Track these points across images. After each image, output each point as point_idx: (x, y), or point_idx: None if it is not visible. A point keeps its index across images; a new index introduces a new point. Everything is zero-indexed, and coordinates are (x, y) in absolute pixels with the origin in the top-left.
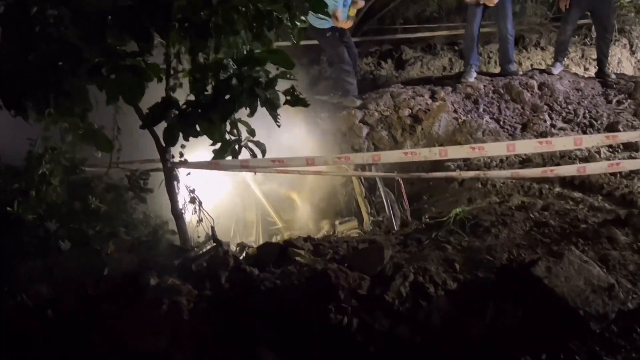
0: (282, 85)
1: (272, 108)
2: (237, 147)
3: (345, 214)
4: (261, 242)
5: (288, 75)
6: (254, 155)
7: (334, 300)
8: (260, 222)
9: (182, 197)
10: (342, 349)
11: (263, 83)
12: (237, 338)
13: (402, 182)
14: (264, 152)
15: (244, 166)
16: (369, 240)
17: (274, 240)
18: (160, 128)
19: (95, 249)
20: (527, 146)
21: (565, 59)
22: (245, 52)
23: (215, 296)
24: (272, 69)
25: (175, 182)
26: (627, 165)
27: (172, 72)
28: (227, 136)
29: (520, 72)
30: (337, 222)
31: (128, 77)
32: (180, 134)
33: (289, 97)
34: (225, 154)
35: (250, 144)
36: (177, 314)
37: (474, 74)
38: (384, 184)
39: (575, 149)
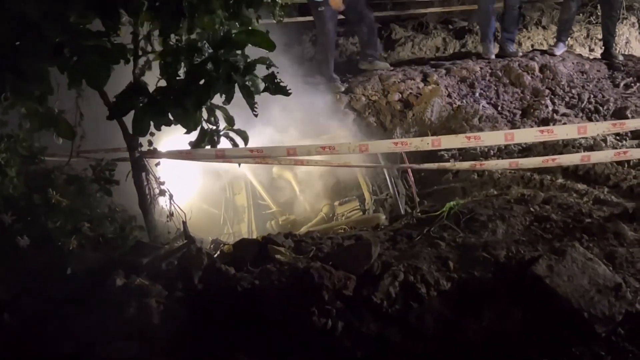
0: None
1: (250, 96)
2: (215, 136)
3: (345, 194)
4: (254, 228)
5: (268, 62)
6: (235, 144)
7: (317, 302)
8: (252, 206)
9: (152, 189)
10: (326, 355)
11: (241, 68)
12: (212, 343)
13: (405, 155)
14: (245, 140)
15: (219, 156)
16: (355, 236)
17: (267, 226)
18: (129, 115)
19: (56, 245)
20: (527, 135)
21: (569, 38)
22: (221, 34)
23: (188, 298)
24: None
25: (144, 173)
26: (635, 154)
27: (140, 54)
28: (205, 125)
29: (520, 54)
30: (336, 203)
31: (92, 59)
32: (152, 123)
33: (268, 85)
34: (203, 144)
35: (230, 133)
36: (146, 317)
37: (492, 49)
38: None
39: (580, 137)
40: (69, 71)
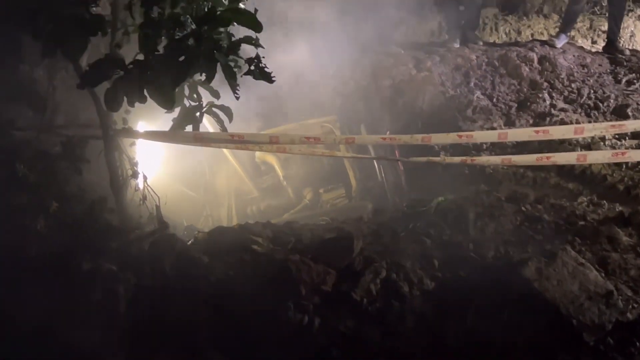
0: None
1: (232, 77)
2: (197, 114)
3: (331, 181)
4: (234, 213)
5: (254, 42)
6: (219, 121)
7: (293, 296)
8: (233, 191)
9: (125, 170)
10: (300, 351)
11: (224, 47)
12: (180, 335)
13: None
14: (230, 117)
15: (198, 139)
16: (337, 228)
17: (248, 211)
18: (103, 90)
19: (21, 224)
20: (521, 135)
21: (571, 31)
22: (206, 10)
23: (158, 285)
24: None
25: (117, 153)
26: (634, 155)
27: (119, 26)
28: (186, 102)
29: (481, 43)
30: (321, 190)
31: (68, 28)
32: (125, 98)
33: (252, 67)
34: (185, 124)
35: (214, 109)
36: (113, 304)
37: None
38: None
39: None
40: (43, 40)
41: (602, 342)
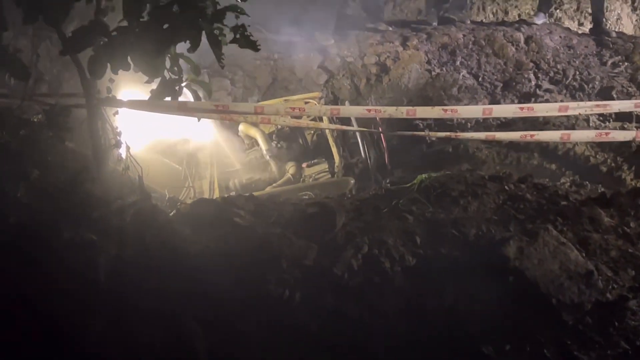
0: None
1: (217, 46)
2: (177, 87)
3: (314, 155)
4: (216, 186)
5: (239, 10)
6: (197, 97)
7: (275, 270)
8: (215, 164)
9: (108, 140)
10: (280, 326)
11: (209, 15)
12: (160, 307)
13: (379, 120)
14: (209, 92)
15: (182, 109)
16: (320, 203)
17: (230, 184)
18: (87, 58)
19: (1, 191)
20: (506, 111)
21: (557, 11)
22: None
23: (139, 257)
24: None
25: (100, 122)
26: (617, 135)
27: None
28: (167, 74)
29: (468, 21)
30: (304, 165)
31: None
32: (109, 66)
33: (237, 36)
34: (164, 96)
35: (193, 85)
36: (93, 275)
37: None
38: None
39: (561, 116)
40: (25, 6)
41: (581, 321)
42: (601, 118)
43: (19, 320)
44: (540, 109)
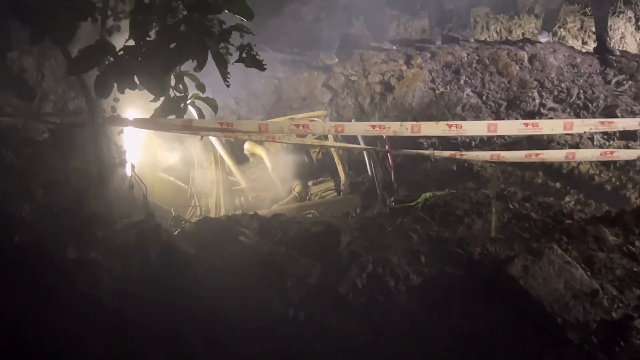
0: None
1: (223, 64)
2: (182, 105)
3: (320, 174)
4: (222, 204)
5: (245, 30)
6: (201, 114)
7: (279, 289)
8: (221, 181)
9: (113, 159)
10: (284, 345)
11: (215, 34)
12: (163, 326)
13: (386, 138)
14: (215, 108)
15: (186, 127)
16: (324, 222)
17: (237, 202)
18: (93, 78)
19: (6, 210)
20: (511, 127)
21: (561, 29)
22: None
23: (143, 276)
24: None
25: (104, 141)
26: (622, 154)
27: (110, 12)
28: (172, 92)
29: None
30: (310, 183)
31: (57, 13)
32: (115, 85)
33: (243, 55)
34: (168, 113)
35: (197, 102)
36: (97, 294)
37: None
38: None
39: (566, 134)
40: (30, 25)
41: (586, 341)
42: (605, 137)
43: (23, 340)
44: (546, 126)
